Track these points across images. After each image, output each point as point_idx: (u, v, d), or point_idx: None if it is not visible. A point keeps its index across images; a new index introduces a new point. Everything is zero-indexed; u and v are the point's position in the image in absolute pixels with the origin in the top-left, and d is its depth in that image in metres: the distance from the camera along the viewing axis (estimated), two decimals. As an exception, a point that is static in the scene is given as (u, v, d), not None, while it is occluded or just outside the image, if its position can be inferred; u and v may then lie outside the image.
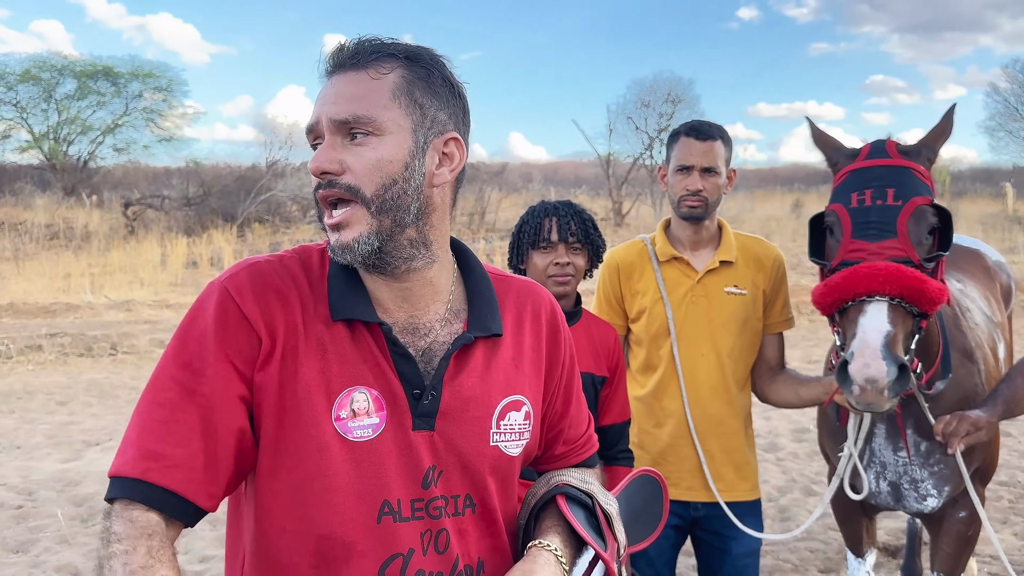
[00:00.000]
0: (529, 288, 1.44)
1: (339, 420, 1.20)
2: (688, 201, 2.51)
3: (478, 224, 22.05)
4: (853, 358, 2.01)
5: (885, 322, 2.02)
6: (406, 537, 1.21)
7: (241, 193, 20.61)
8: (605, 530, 1.35)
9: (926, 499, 2.52)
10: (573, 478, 1.41)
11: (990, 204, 26.27)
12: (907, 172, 2.19)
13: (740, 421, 2.58)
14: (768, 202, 28.67)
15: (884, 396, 2.00)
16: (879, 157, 2.24)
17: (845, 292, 2.08)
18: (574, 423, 1.50)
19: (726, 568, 2.58)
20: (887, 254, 2.08)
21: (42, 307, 11.82)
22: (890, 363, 1.98)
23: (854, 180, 2.23)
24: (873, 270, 2.05)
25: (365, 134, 1.20)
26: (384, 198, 1.20)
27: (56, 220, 20.57)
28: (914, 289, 2.03)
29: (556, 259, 2.23)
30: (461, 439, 1.26)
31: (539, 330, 1.40)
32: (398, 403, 1.23)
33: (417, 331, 1.28)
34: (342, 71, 1.23)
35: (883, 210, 2.13)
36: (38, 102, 27.02)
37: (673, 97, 27.22)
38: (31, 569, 4.10)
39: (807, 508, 4.91)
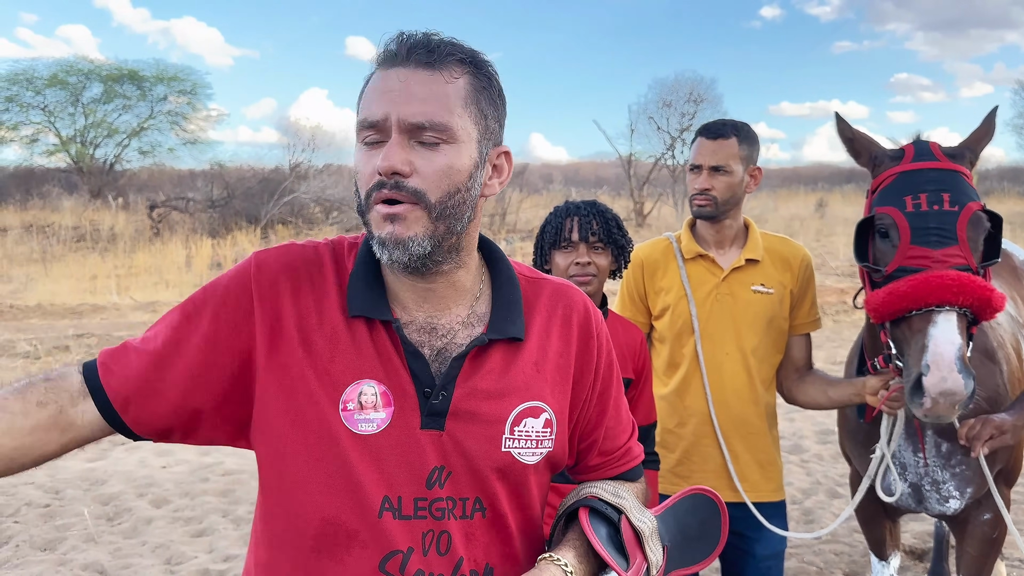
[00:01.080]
0: (563, 291, 1.40)
1: (346, 411, 1.21)
2: (697, 200, 2.52)
3: (499, 225, 22.07)
4: (929, 371, 1.97)
5: (957, 334, 1.99)
6: (405, 535, 1.21)
7: (264, 195, 20.76)
8: (632, 547, 1.30)
9: (948, 501, 2.49)
10: (604, 491, 1.37)
11: (1018, 203, 25.92)
12: (958, 176, 2.16)
13: (765, 421, 2.56)
14: (792, 202, 28.47)
15: (955, 409, 1.98)
16: (927, 159, 2.19)
17: (915, 301, 2.03)
18: (611, 434, 1.44)
19: (750, 570, 2.57)
20: (951, 262, 2.04)
21: (69, 308, 11.97)
22: (966, 376, 1.95)
23: (905, 183, 2.18)
24: (946, 280, 2.00)
25: (437, 141, 1.18)
26: (446, 205, 1.20)
27: (83, 222, 20.82)
28: (983, 300, 2.00)
29: (577, 259, 2.21)
30: (471, 441, 1.24)
31: (569, 334, 1.36)
32: (407, 400, 1.22)
33: (435, 331, 1.27)
34: (410, 67, 1.19)
35: (941, 215, 2.09)
36: (65, 106, 27.41)
37: (695, 96, 27.15)
38: (58, 567, 4.15)
39: (832, 510, 4.87)
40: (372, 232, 1.21)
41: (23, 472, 1.23)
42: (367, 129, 1.20)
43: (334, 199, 21.16)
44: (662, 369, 2.59)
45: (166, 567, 4.17)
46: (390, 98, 1.18)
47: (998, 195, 27.90)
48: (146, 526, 4.68)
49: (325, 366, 1.21)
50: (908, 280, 2.05)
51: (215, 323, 1.24)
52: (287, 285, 1.25)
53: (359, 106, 1.24)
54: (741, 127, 2.53)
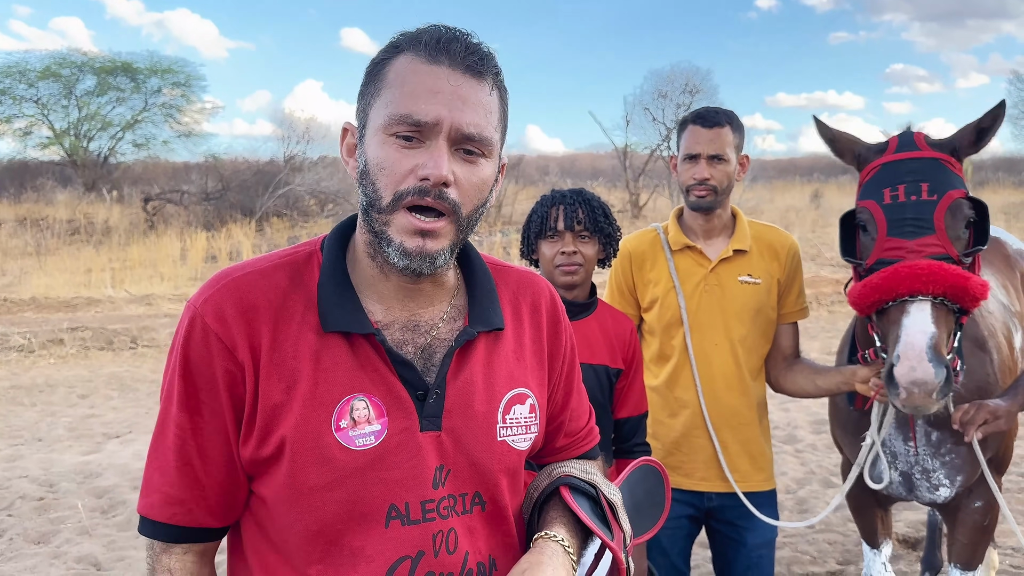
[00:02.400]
0: (528, 279, 1.41)
1: (340, 430, 1.17)
2: (696, 191, 2.49)
3: (495, 217, 22.04)
4: (899, 361, 1.97)
5: (929, 323, 1.97)
6: (415, 539, 1.20)
7: (259, 188, 20.70)
8: (611, 520, 1.34)
9: (938, 489, 2.50)
10: (576, 469, 1.40)
11: (1013, 193, 25.95)
12: (939, 164, 2.13)
13: (754, 411, 2.56)
14: (787, 193, 28.47)
15: (932, 399, 1.96)
16: (909, 150, 2.17)
17: (886, 292, 2.03)
18: (575, 415, 1.48)
19: (741, 559, 2.57)
20: (927, 251, 2.03)
21: (64, 302, 11.94)
22: (937, 365, 1.94)
23: (885, 175, 2.17)
24: (915, 269, 2.00)
25: (479, 154, 1.18)
26: (472, 218, 1.21)
27: (77, 215, 20.76)
28: (958, 287, 1.98)
29: (563, 248, 2.19)
30: (469, 436, 1.25)
31: (539, 322, 1.38)
32: (403, 406, 1.20)
33: (418, 328, 1.25)
34: (460, 70, 1.15)
35: (918, 205, 2.07)
36: (59, 99, 27.27)
37: (691, 88, 27.08)
38: (52, 560, 4.15)
39: (825, 500, 4.88)
40: (391, 237, 1.16)
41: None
42: (408, 126, 1.14)
43: (329, 191, 21.12)
44: (652, 361, 2.59)
45: (160, 559, 4.17)
46: (443, 101, 1.13)
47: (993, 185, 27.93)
48: (140, 519, 4.67)
49: (310, 391, 1.17)
50: (881, 272, 2.05)
51: (213, 398, 1.19)
52: (251, 325, 1.18)
53: (383, 92, 1.17)
54: (731, 115, 2.52)
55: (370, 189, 1.17)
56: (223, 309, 1.18)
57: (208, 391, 1.18)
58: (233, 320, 1.17)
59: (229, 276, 1.22)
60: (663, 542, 2.54)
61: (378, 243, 1.19)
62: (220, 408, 1.18)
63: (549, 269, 2.23)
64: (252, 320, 1.18)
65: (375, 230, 1.19)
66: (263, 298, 1.20)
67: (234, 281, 1.21)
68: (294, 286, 1.22)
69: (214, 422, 1.19)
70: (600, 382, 2.22)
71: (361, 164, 1.19)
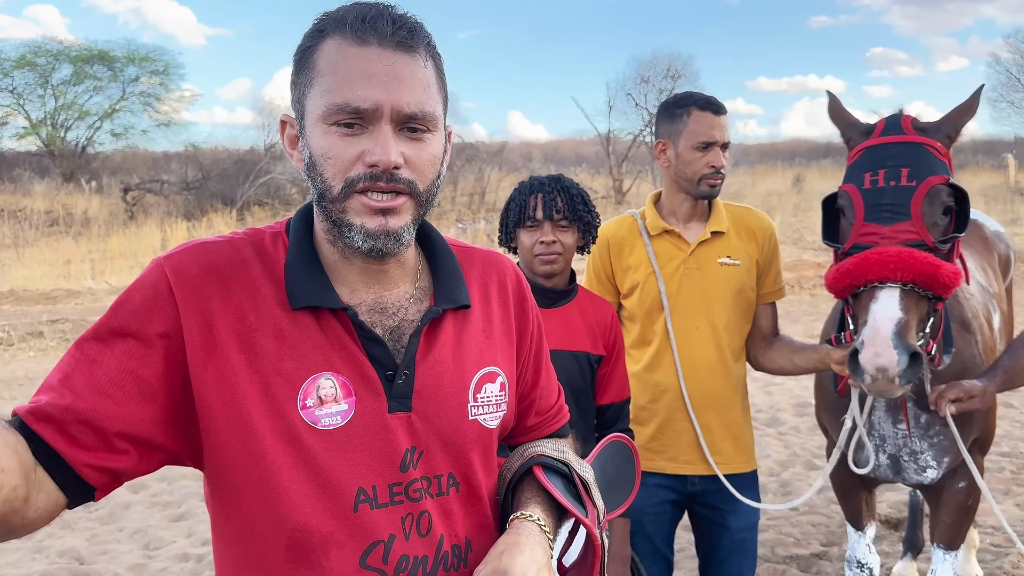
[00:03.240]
0: (493, 258, 1.41)
1: (305, 408, 1.14)
2: (711, 179, 2.47)
3: (478, 204, 22.01)
4: (863, 347, 1.98)
5: (897, 309, 1.98)
6: (385, 523, 1.18)
7: (240, 176, 20.56)
8: (584, 497, 1.34)
9: (925, 471, 2.52)
10: (548, 448, 1.40)
11: (992, 175, 26.14)
12: (922, 149, 2.12)
13: (736, 393, 2.57)
14: (769, 177, 28.55)
15: (896, 384, 1.97)
16: (894, 134, 2.17)
17: (856, 278, 2.05)
18: (544, 393, 1.48)
19: (724, 542, 2.58)
20: (900, 238, 2.03)
21: (43, 294, 11.83)
22: (901, 352, 1.95)
23: (868, 159, 2.17)
24: (884, 256, 2.00)
25: (424, 130, 1.16)
26: (430, 193, 1.20)
27: (55, 206, 20.55)
28: (927, 275, 1.99)
29: (542, 237, 2.17)
30: (439, 416, 1.23)
31: (507, 300, 1.38)
32: (371, 386, 1.18)
33: (385, 310, 1.24)
34: (390, 48, 1.12)
35: (896, 191, 2.07)
36: (34, 88, 26.92)
37: (673, 73, 27.07)
38: (34, 554, 4.11)
39: (809, 482, 4.92)
40: (350, 221, 1.14)
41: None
42: (347, 114, 1.11)
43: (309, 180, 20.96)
44: (632, 346, 2.58)
45: (144, 552, 4.15)
46: (379, 83, 1.11)
47: (972, 168, 28.12)
48: (124, 511, 4.65)
49: (275, 366, 1.14)
50: (853, 257, 2.07)
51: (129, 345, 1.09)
52: (214, 289, 1.14)
53: (315, 81, 1.14)
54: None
55: (318, 181, 1.15)
56: (182, 268, 1.15)
57: (139, 328, 1.10)
58: (190, 280, 1.14)
59: (196, 242, 1.20)
60: (647, 527, 2.55)
61: (338, 230, 1.17)
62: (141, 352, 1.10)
63: (528, 258, 2.21)
64: (212, 283, 1.15)
65: (332, 219, 1.17)
66: (225, 264, 1.17)
67: (200, 245, 1.19)
68: (259, 260, 1.20)
69: (114, 366, 1.08)
70: (581, 369, 2.22)
71: (306, 156, 1.17)
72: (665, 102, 2.61)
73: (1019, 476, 4.91)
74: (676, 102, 2.54)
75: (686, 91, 2.61)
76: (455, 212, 21.04)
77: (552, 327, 2.21)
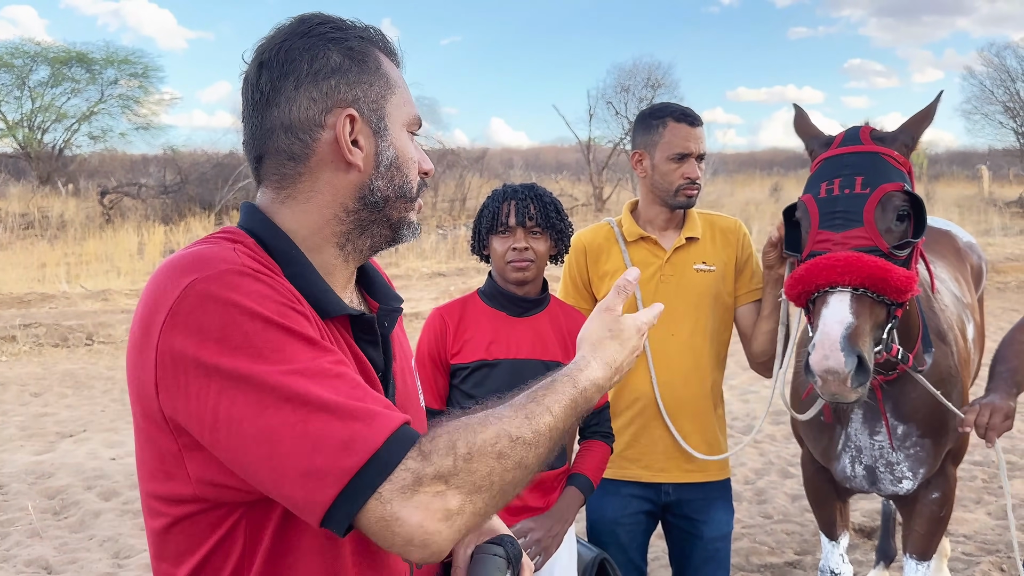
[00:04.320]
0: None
1: None
2: (687, 190, 2.49)
3: (459, 210, 21.98)
4: (813, 350, 2.00)
5: (847, 313, 1.99)
6: None
7: (219, 180, 20.41)
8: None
9: (901, 481, 2.53)
10: None
11: (967, 186, 26.47)
12: (878, 158, 2.15)
13: (711, 400, 2.58)
14: (748, 186, 28.75)
15: (847, 387, 1.97)
16: (851, 144, 2.20)
17: (807, 284, 2.06)
18: None
19: (698, 552, 2.58)
20: (852, 243, 2.05)
21: (16, 297, 11.67)
22: (848, 354, 1.95)
23: (826, 169, 2.20)
24: (832, 260, 2.02)
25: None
26: None
27: (31, 209, 20.29)
28: (877, 278, 1.99)
29: (514, 244, 2.18)
30: (412, 407, 1.30)
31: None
32: (375, 387, 1.18)
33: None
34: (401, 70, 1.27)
35: (851, 199, 2.09)
36: (11, 89, 26.61)
37: (653, 81, 27.22)
38: (1, 564, 4.04)
39: (784, 490, 4.93)
40: (411, 219, 1.25)
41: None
42: (418, 127, 1.27)
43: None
44: None
45: (114, 561, 4.09)
46: (413, 103, 1.26)
47: (947, 179, 28.47)
48: (94, 519, 4.58)
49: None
50: (804, 263, 2.09)
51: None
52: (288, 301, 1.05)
53: (397, 91, 1.23)
54: None
55: (401, 181, 1.21)
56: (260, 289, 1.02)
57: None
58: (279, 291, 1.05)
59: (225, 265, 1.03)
60: (621, 538, 2.54)
61: (387, 228, 1.23)
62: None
63: (500, 265, 2.21)
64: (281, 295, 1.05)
65: (394, 217, 1.22)
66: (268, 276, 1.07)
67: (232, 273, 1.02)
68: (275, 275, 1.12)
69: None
70: None
71: (388, 157, 1.20)
72: (642, 113, 2.62)
73: (991, 485, 4.95)
74: (652, 113, 2.56)
75: (663, 102, 2.62)
76: (435, 218, 20.99)
77: (523, 336, 2.21)
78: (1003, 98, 30.03)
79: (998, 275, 12.41)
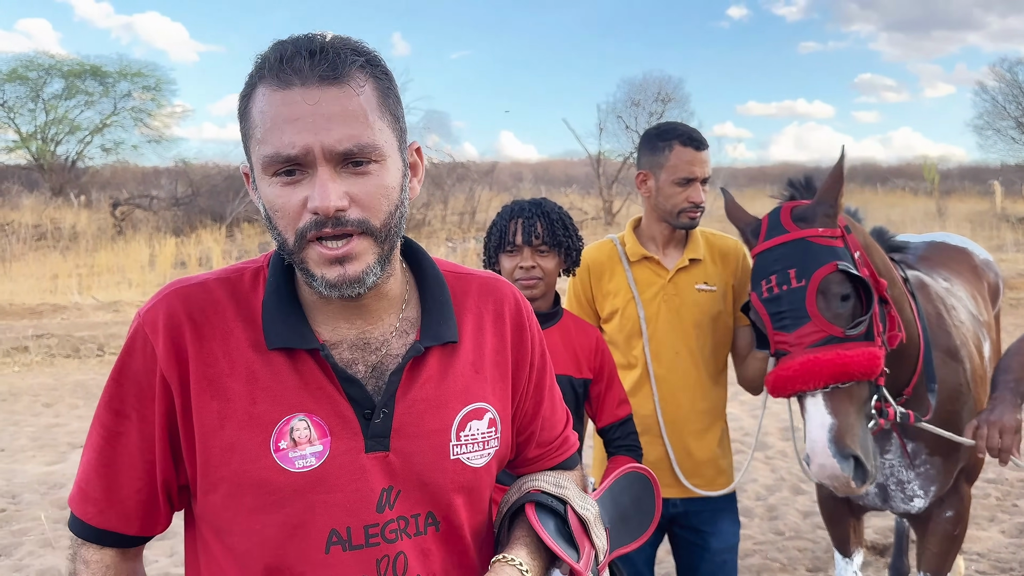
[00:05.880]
0: (492, 286, 1.36)
1: (279, 451, 1.13)
2: (690, 213, 2.50)
3: (468, 223, 22.03)
4: (809, 460, 2.05)
5: (826, 415, 2.04)
6: (357, 566, 1.15)
7: (230, 193, 20.52)
8: (580, 537, 1.30)
9: (912, 500, 2.52)
10: (547, 483, 1.36)
11: (979, 202, 26.37)
12: (804, 244, 2.16)
13: (714, 416, 2.59)
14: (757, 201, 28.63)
15: (853, 486, 2.03)
16: (776, 235, 2.21)
17: (781, 392, 2.11)
18: (547, 425, 1.42)
19: (705, 564, 2.57)
20: (807, 342, 2.08)
21: (29, 308, 11.74)
22: (842, 460, 2.01)
23: (760, 265, 2.23)
24: (791, 372, 2.06)
25: (369, 162, 1.09)
26: (389, 226, 1.13)
27: (44, 220, 20.44)
28: (838, 374, 2.03)
29: (521, 263, 2.17)
30: (419, 455, 1.20)
31: (503, 330, 1.32)
32: (348, 426, 1.16)
33: (368, 346, 1.20)
34: (314, 84, 1.06)
35: (790, 295, 2.12)
36: (25, 102, 26.85)
37: (663, 96, 27.23)
38: (14, 573, 4.06)
39: (795, 506, 4.91)
40: (312, 272, 1.11)
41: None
42: (281, 163, 1.07)
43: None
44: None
45: (125, 572, 4.10)
46: (305, 126, 1.05)
47: (959, 194, 28.36)
48: (105, 530, 4.59)
49: (247, 410, 1.13)
50: (770, 373, 2.14)
51: (142, 405, 1.16)
52: (186, 338, 1.15)
53: (253, 133, 1.10)
54: None
55: (275, 233, 1.13)
56: (158, 319, 1.16)
57: (139, 399, 1.16)
58: (165, 331, 1.15)
59: (173, 287, 1.20)
60: (629, 552, 2.53)
61: (305, 277, 1.15)
62: (151, 418, 1.16)
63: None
64: (183, 333, 1.15)
65: (298, 268, 1.15)
66: (197, 310, 1.17)
67: (175, 292, 1.19)
68: (234, 301, 1.18)
69: (140, 431, 1.16)
70: (564, 393, 2.21)
71: (262, 208, 1.14)
72: (648, 132, 2.62)
73: (1004, 503, 4.91)
74: (659, 134, 2.55)
75: (669, 123, 2.63)
76: (445, 231, 21.04)
77: None
78: (1015, 113, 29.98)
79: (1011, 291, 12.35)
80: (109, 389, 1.18)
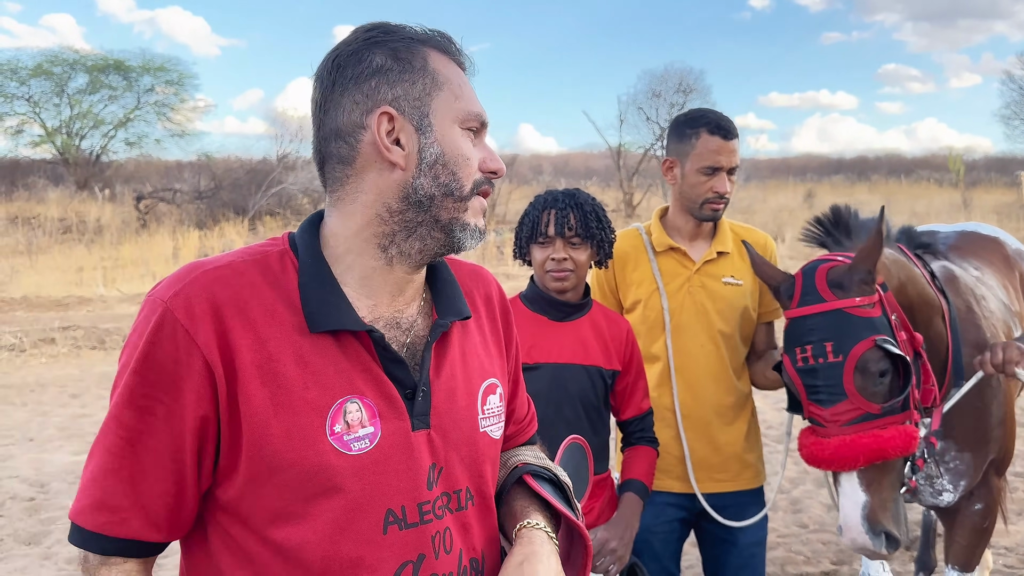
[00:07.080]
0: (477, 272, 1.43)
1: (334, 435, 1.12)
2: (713, 204, 2.46)
3: (489, 216, 21.99)
4: (842, 532, 2.08)
5: (860, 493, 2.05)
6: (414, 543, 1.16)
7: (252, 186, 20.66)
8: (572, 501, 1.36)
9: (942, 494, 2.50)
10: (529, 456, 1.41)
11: (1005, 193, 26.04)
12: (841, 316, 2.08)
13: (741, 409, 2.55)
14: (780, 192, 28.51)
15: (884, 554, 2.06)
16: (811, 302, 2.13)
17: (816, 467, 2.12)
18: (520, 403, 1.50)
19: (733, 559, 2.55)
20: (842, 419, 2.05)
21: (55, 300, 11.89)
22: (874, 537, 2.03)
23: (793, 332, 2.16)
24: (826, 454, 2.05)
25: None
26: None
27: (69, 214, 20.68)
28: (874, 456, 2.02)
29: (553, 254, 2.14)
30: (456, 431, 1.23)
31: (494, 313, 1.40)
32: (395, 407, 1.17)
33: (400, 326, 1.22)
34: (468, 70, 1.27)
35: (827, 370, 2.06)
36: (50, 96, 27.21)
37: (684, 87, 27.15)
38: (43, 561, 4.12)
39: (819, 499, 4.88)
40: (466, 220, 1.21)
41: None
42: (479, 123, 1.24)
43: (322, 190, 21.03)
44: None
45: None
46: (478, 102, 1.25)
47: (985, 185, 28.04)
48: (132, 519, 4.64)
49: (301, 395, 1.11)
50: (806, 447, 2.12)
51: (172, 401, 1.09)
52: (229, 322, 1.10)
53: (440, 85, 1.20)
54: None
55: (448, 179, 1.18)
56: (192, 304, 1.10)
57: (168, 391, 1.09)
58: (205, 315, 1.09)
59: (200, 269, 1.14)
60: (655, 546, 2.52)
61: (437, 230, 1.20)
62: (181, 412, 1.09)
63: (540, 273, 2.20)
64: (226, 318, 1.10)
65: (443, 219, 1.19)
66: (238, 295, 1.12)
67: (204, 274, 1.13)
68: (270, 284, 1.15)
69: (170, 426, 1.09)
70: (593, 383, 2.20)
71: (432, 154, 1.18)
72: (676, 119, 2.58)
73: (1033, 497, 4.86)
74: (687, 121, 2.51)
75: (699, 109, 2.58)
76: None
77: (565, 341, 2.20)
78: (1043, 103, 29.56)
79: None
80: (130, 383, 1.09)
